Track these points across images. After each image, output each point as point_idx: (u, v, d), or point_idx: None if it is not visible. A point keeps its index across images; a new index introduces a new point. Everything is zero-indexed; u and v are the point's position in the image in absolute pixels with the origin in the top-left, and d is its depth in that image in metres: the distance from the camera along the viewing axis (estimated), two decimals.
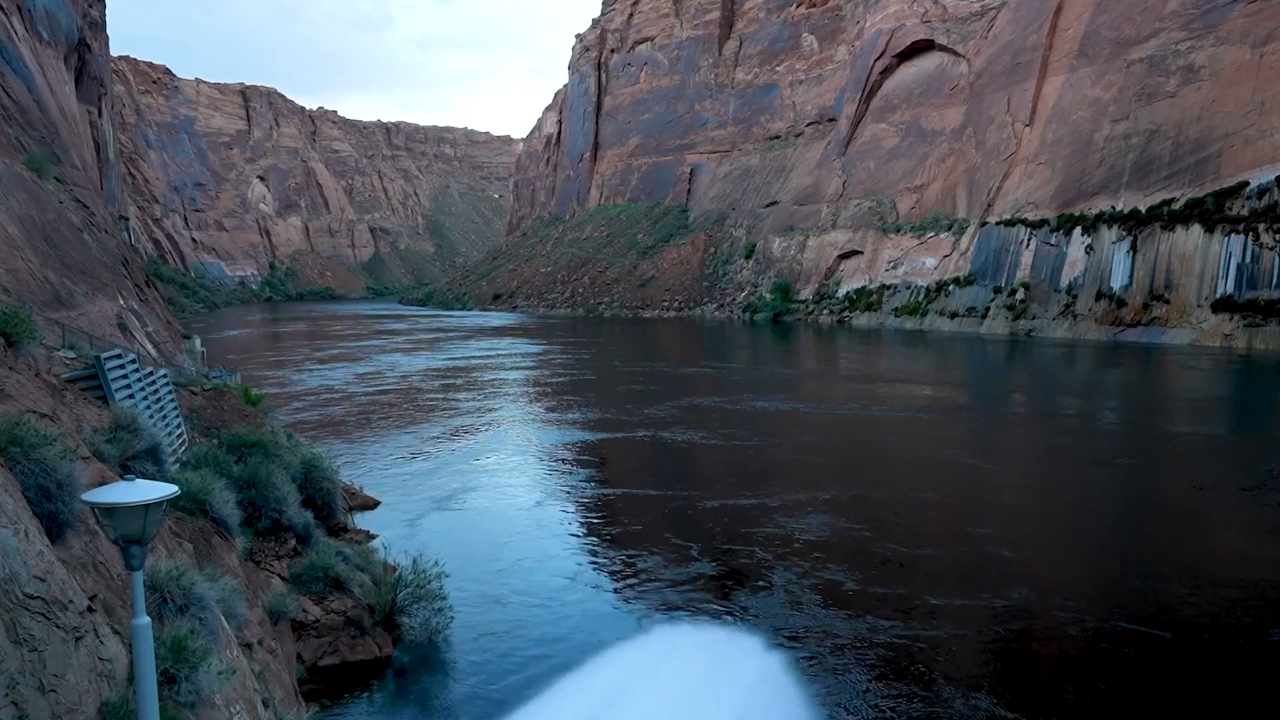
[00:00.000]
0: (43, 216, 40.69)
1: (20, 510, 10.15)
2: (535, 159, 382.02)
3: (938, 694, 23.85)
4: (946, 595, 30.85)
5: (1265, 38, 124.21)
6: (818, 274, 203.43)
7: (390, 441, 61.32)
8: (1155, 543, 37.69)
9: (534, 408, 79.87)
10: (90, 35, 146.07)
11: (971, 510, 43.31)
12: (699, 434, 63.84)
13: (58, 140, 56.95)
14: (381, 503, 43.88)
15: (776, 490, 46.16)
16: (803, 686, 24.07)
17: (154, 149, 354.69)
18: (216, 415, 36.49)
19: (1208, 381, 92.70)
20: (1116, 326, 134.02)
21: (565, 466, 54.94)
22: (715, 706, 22.10)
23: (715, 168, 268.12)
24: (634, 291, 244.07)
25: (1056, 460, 55.62)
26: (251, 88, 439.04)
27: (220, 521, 20.69)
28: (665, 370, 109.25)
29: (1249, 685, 24.34)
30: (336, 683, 24.13)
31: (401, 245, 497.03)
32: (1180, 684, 24.56)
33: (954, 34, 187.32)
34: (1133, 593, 31.07)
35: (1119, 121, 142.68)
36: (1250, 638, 27.26)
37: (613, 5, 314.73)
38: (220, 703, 12.42)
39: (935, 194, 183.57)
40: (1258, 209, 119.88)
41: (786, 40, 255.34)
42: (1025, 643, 27.65)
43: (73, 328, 33.01)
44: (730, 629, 28.11)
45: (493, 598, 31.57)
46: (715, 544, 37.41)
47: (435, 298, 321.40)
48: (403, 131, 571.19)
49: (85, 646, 9.89)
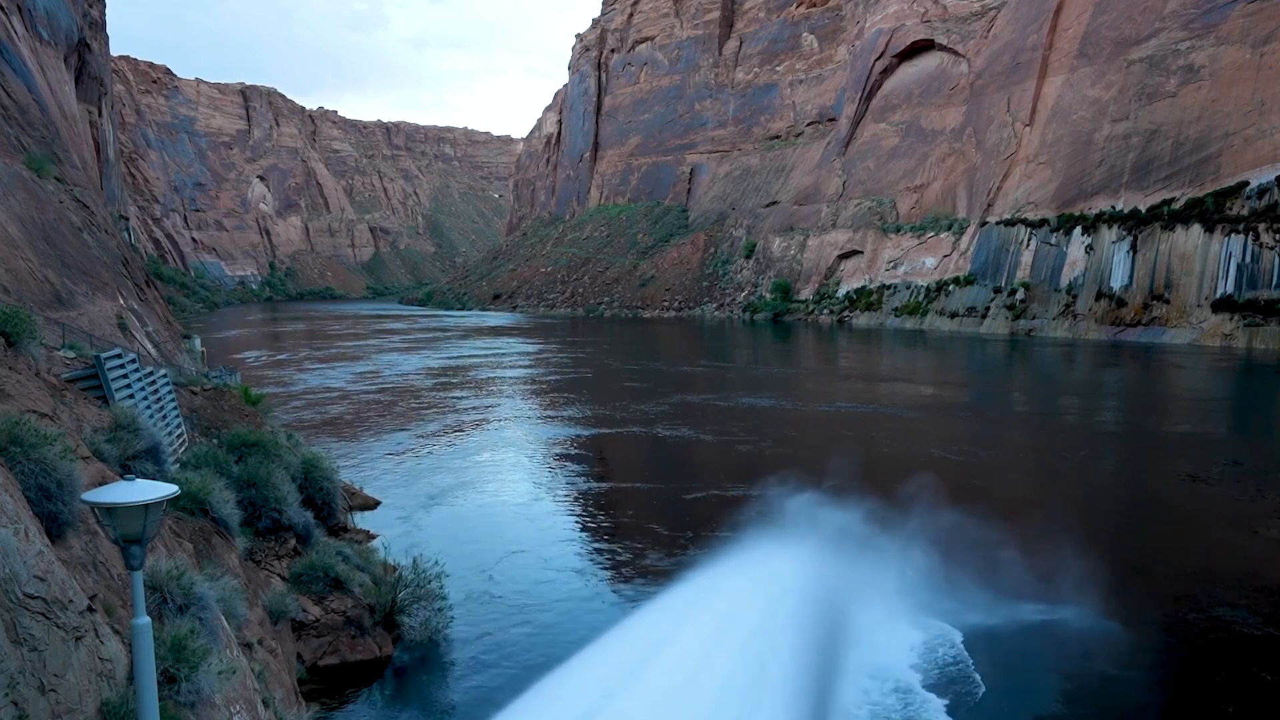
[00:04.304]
0: (43, 216, 40.68)
1: (20, 510, 10.15)
2: (535, 159, 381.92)
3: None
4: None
5: (1265, 38, 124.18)
6: (818, 274, 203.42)
7: (390, 440, 61.37)
8: (1152, 534, 37.75)
9: (532, 406, 79.99)
10: (90, 35, 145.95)
11: (953, 505, 43.39)
12: (692, 431, 64.45)
13: (58, 140, 56.93)
14: (381, 502, 43.91)
15: (760, 483, 46.30)
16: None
17: (154, 149, 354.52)
18: (216, 415, 36.48)
19: (1207, 381, 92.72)
20: (1116, 326, 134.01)
21: (562, 463, 55.36)
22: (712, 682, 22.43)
23: (715, 168, 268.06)
24: (634, 291, 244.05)
25: (1048, 458, 55.62)
26: (251, 88, 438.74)
27: (220, 521, 20.70)
28: (663, 369, 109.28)
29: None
30: (337, 682, 24.14)
31: (401, 245, 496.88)
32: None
33: (954, 34, 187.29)
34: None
35: (1119, 121, 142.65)
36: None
37: (613, 5, 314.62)
38: (220, 702, 12.43)
39: (935, 194, 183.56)
40: (1258, 209, 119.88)
41: (786, 40, 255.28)
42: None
43: (73, 327, 33.00)
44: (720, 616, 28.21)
45: (492, 595, 31.68)
46: (703, 534, 37.86)
47: (435, 298, 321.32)
48: (403, 131, 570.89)
49: (85, 646, 9.89)
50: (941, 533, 33.67)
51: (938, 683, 24.83)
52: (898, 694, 24.33)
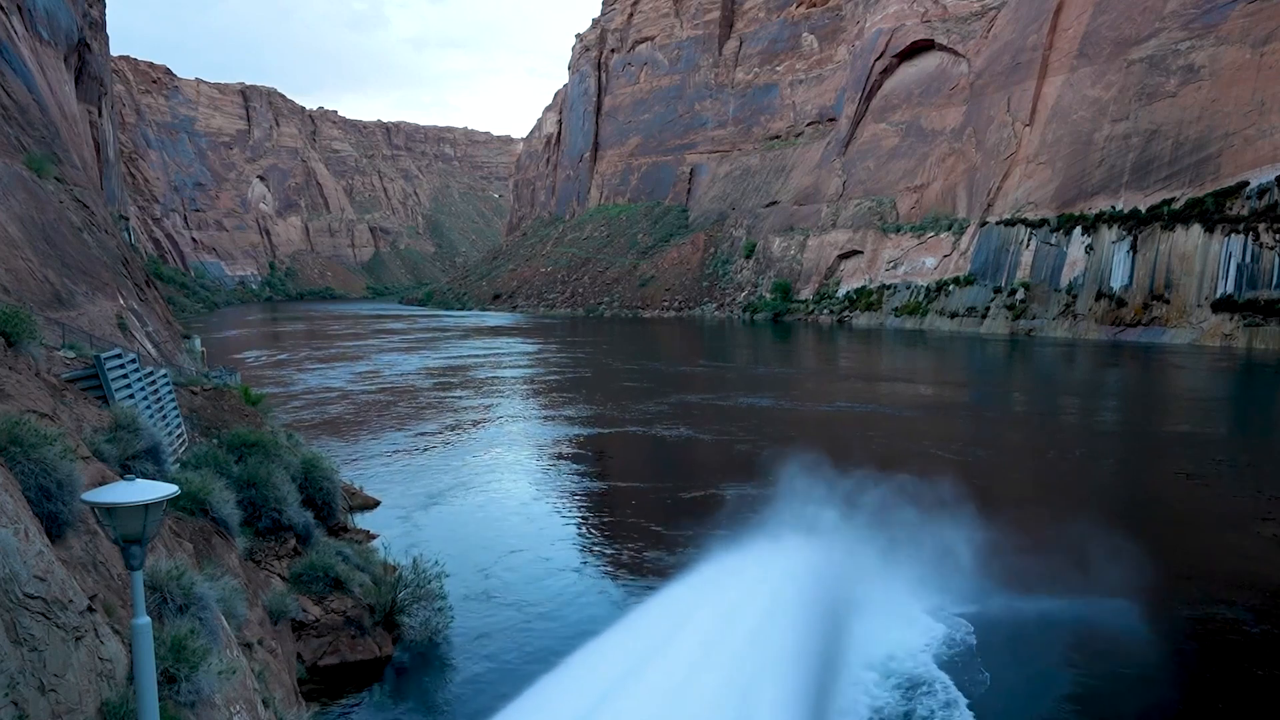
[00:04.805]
0: (43, 216, 40.68)
1: (20, 510, 10.15)
2: (535, 159, 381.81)
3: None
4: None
5: (1265, 38, 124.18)
6: (818, 274, 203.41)
7: (390, 440, 61.39)
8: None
9: (531, 405, 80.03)
10: (90, 35, 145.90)
11: (953, 504, 43.46)
12: (691, 430, 64.58)
13: (58, 140, 56.91)
14: (381, 502, 43.93)
15: (760, 482, 46.32)
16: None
17: (154, 149, 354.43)
18: (216, 415, 36.48)
19: (1207, 381, 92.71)
20: (1116, 326, 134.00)
21: (561, 462, 55.52)
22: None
23: (715, 167, 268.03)
24: (634, 291, 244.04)
25: (1047, 457, 55.63)
26: (251, 88, 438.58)
27: (220, 521, 20.70)
28: (662, 369, 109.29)
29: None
30: (337, 682, 24.14)
31: (401, 245, 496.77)
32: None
33: (954, 34, 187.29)
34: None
35: (1119, 121, 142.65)
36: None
37: (613, 5, 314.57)
38: (220, 702, 12.43)
39: (935, 194, 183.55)
40: (1258, 209, 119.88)
41: (786, 40, 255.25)
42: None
43: (73, 327, 32.99)
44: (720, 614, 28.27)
45: (492, 595, 31.73)
46: (702, 532, 38.05)
47: (435, 298, 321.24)
48: (403, 131, 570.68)
49: (85, 646, 9.90)
50: (938, 530, 33.84)
51: (942, 668, 25.05)
52: (897, 680, 24.78)
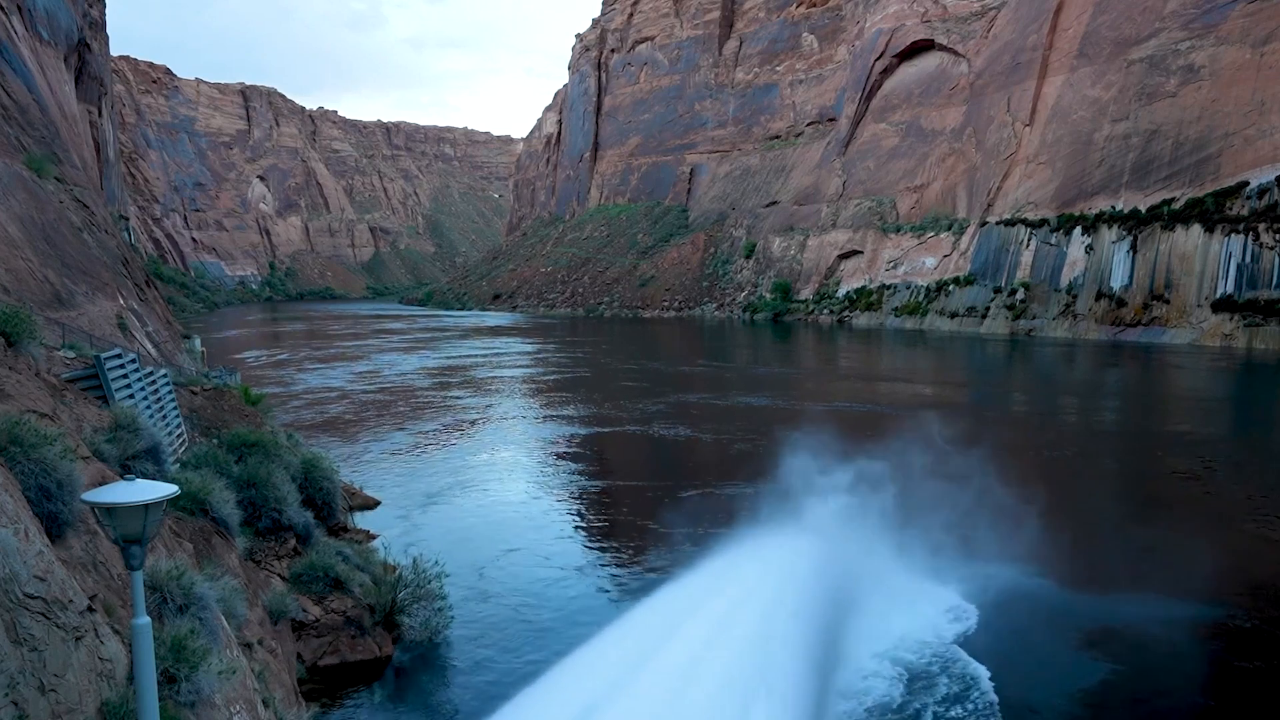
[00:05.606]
0: (43, 216, 40.69)
1: (20, 510, 10.15)
2: (535, 159, 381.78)
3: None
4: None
5: (1265, 38, 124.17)
6: (818, 274, 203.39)
7: (390, 440, 61.39)
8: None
9: (531, 405, 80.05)
10: (90, 35, 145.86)
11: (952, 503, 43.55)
12: (691, 430, 64.67)
13: (58, 140, 56.91)
14: (381, 502, 43.93)
15: (759, 481, 46.32)
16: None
17: (154, 149, 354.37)
18: (216, 415, 36.48)
19: (1207, 381, 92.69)
20: (1116, 326, 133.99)
21: (560, 461, 55.63)
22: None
23: (715, 167, 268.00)
24: (634, 291, 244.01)
25: (1046, 457, 55.63)
26: (251, 88, 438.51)
27: (220, 521, 20.70)
28: (662, 369, 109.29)
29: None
30: (336, 682, 24.14)
31: (401, 245, 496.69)
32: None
33: (954, 34, 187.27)
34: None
35: (1119, 121, 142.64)
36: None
37: (613, 5, 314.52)
38: (220, 702, 12.44)
39: (935, 194, 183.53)
40: (1258, 209, 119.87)
41: (786, 40, 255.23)
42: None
43: (73, 327, 32.99)
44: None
45: (492, 594, 31.76)
46: (701, 530, 38.14)
47: (435, 298, 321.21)
48: (403, 131, 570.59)
49: (85, 646, 9.90)
50: (935, 526, 34.21)
51: (937, 661, 25.15)
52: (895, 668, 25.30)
